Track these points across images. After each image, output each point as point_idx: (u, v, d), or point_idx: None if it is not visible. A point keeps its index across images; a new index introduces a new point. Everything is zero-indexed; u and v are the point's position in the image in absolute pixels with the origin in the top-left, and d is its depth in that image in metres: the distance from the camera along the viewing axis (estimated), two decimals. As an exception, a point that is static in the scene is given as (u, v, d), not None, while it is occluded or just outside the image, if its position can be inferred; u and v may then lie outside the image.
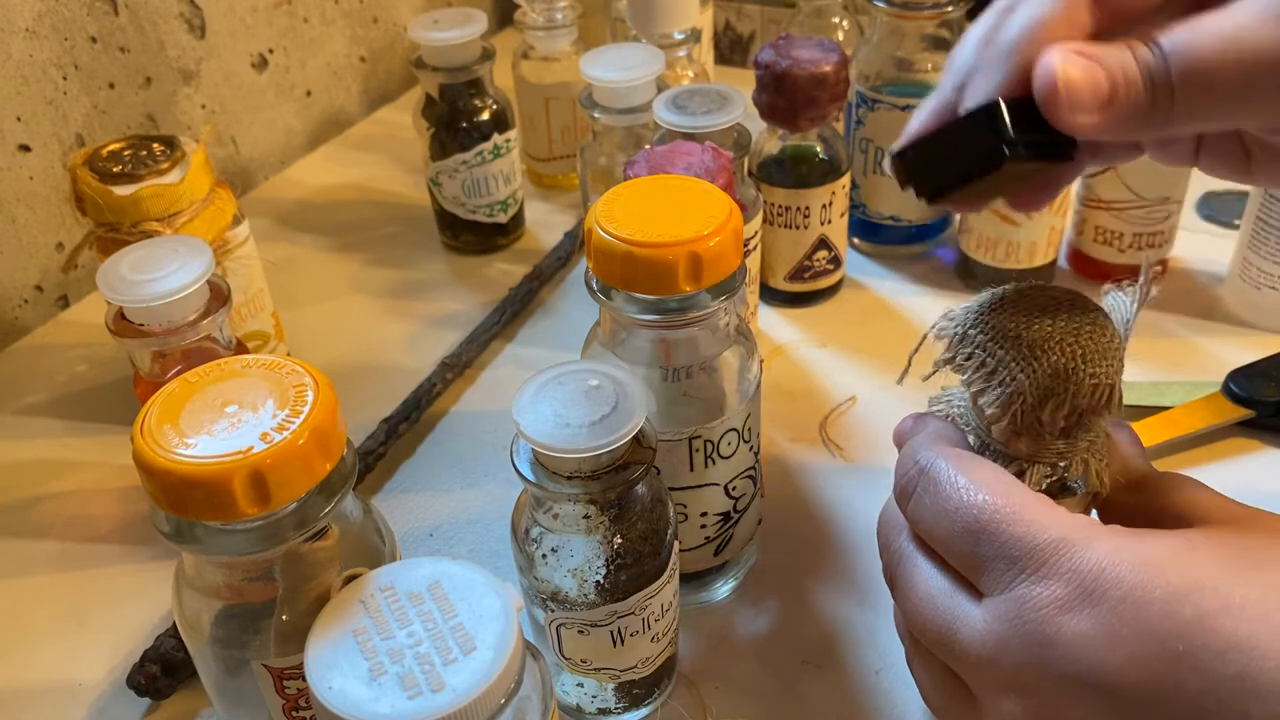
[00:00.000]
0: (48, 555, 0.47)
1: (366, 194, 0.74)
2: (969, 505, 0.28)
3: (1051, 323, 0.30)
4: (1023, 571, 0.27)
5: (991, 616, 0.27)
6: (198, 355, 0.44)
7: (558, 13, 0.68)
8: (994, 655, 0.27)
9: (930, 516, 0.30)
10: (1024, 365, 0.30)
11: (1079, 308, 0.31)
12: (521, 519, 0.35)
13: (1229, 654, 0.24)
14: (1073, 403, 0.30)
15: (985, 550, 0.28)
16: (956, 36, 0.58)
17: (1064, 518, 0.27)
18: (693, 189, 0.37)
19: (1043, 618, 0.26)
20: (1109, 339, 0.30)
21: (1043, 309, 0.31)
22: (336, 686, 0.26)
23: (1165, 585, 0.25)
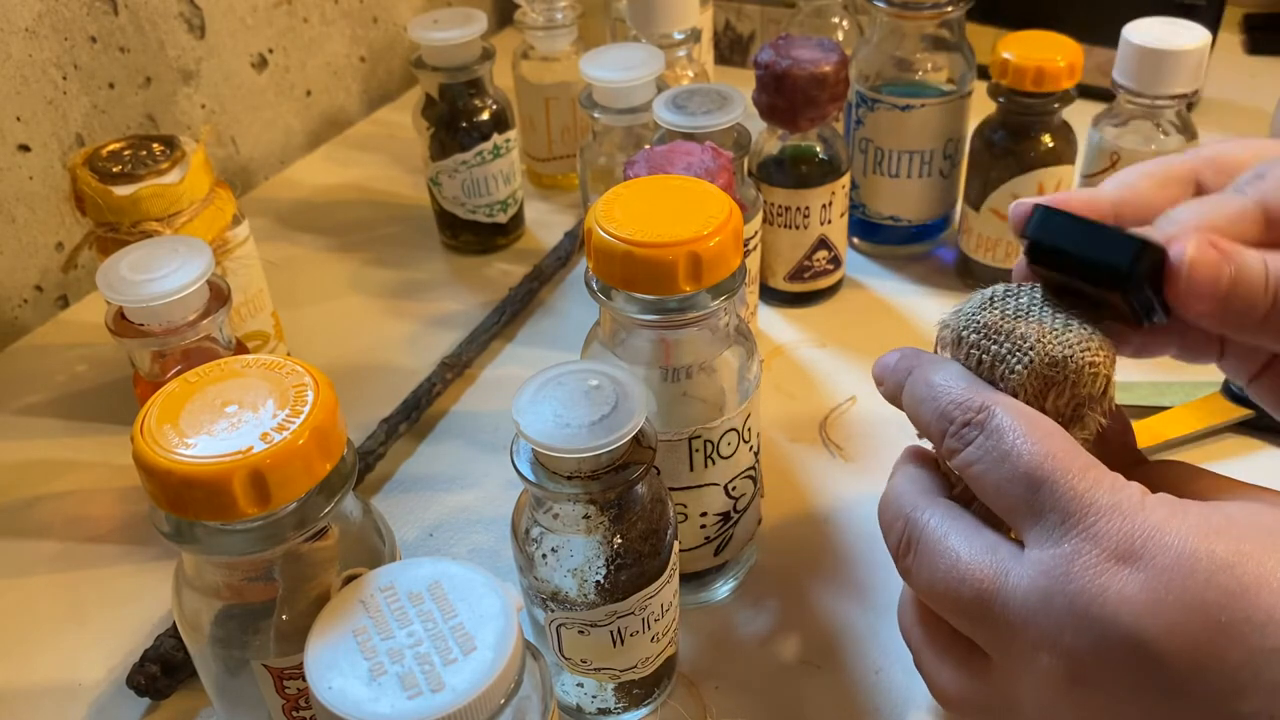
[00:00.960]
0: (48, 555, 0.47)
1: (366, 194, 0.74)
2: (1033, 453, 0.28)
3: (1043, 315, 0.31)
4: (1077, 526, 0.27)
5: (1037, 571, 0.27)
6: (197, 355, 0.44)
7: (558, 13, 0.68)
8: (1036, 610, 0.27)
9: (988, 461, 0.29)
10: (1021, 357, 0.30)
11: (1070, 303, 0.31)
12: (521, 519, 0.35)
13: (1269, 627, 0.24)
14: (1073, 391, 0.30)
15: (1044, 499, 0.27)
16: (956, 36, 0.58)
17: (1120, 482, 0.28)
18: (693, 189, 0.37)
19: (1091, 576, 0.26)
20: (1103, 328, 0.31)
21: (1033, 304, 0.31)
22: (336, 686, 0.26)
23: (1211, 556, 0.25)
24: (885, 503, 0.32)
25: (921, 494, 0.31)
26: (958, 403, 0.30)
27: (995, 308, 0.31)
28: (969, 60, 0.59)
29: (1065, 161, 0.56)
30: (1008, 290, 0.32)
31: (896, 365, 0.33)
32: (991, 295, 0.32)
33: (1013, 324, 0.31)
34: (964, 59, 0.59)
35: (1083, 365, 0.30)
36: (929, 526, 0.30)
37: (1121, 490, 0.27)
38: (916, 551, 0.30)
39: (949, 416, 0.30)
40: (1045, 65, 0.53)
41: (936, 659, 0.31)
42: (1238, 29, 0.86)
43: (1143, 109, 0.55)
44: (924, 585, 0.30)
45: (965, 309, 0.32)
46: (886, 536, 0.32)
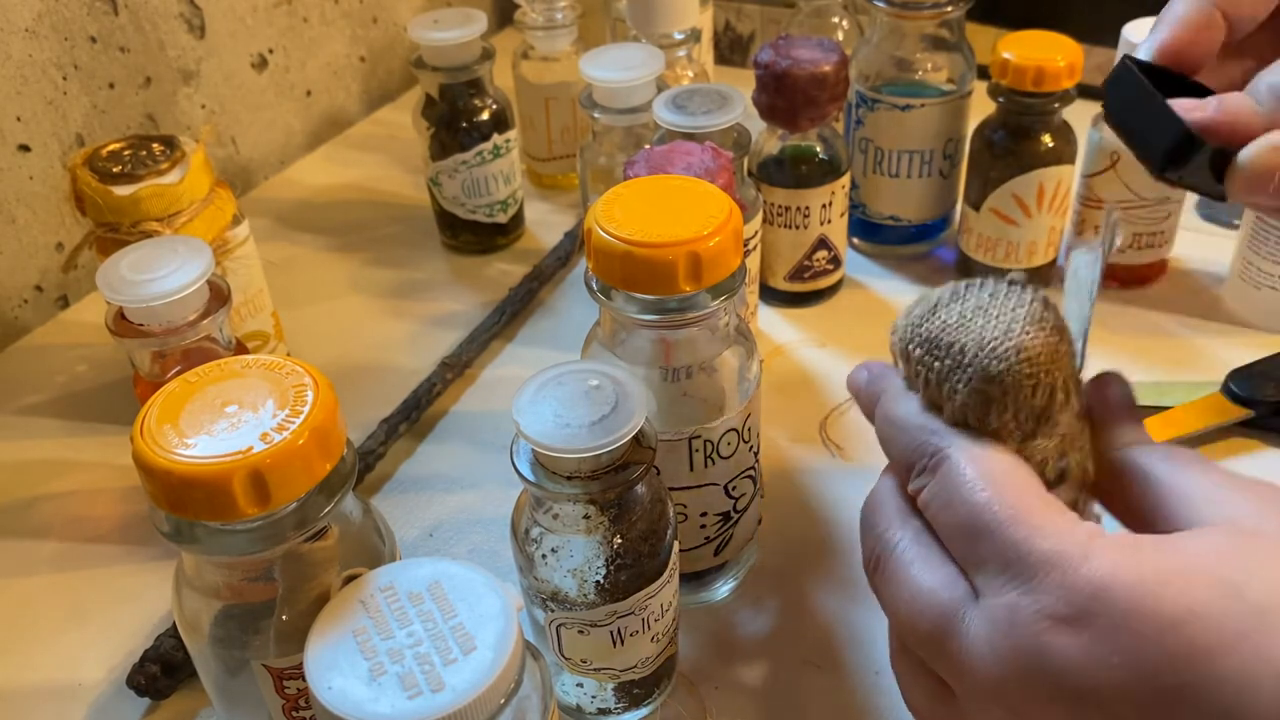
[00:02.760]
0: (48, 555, 0.47)
1: (366, 194, 0.74)
2: (973, 502, 0.27)
3: (984, 322, 0.29)
4: (1015, 579, 0.26)
5: (985, 619, 0.27)
6: (197, 355, 0.44)
7: (557, 13, 0.68)
8: (985, 658, 0.26)
9: (937, 505, 0.29)
10: (961, 375, 0.29)
11: (1018, 301, 0.30)
12: (521, 519, 0.35)
13: (1219, 689, 0.23)
14: (1015, 406, 0.29)
15: (983, 550, 0.27)
16: (956, 36, 0.58)
17: (1066, 526, 0.27)
18: (693, 189, 0.37)
19: (1033, 632, 0.25)
20: (1049, 331, 0.29)
21: (978, 308, 0.30)
22: (336, 686, 0.26)
23: (1158, 614, 0.24)
24: (864, 514, 0.32)
25: (897, 512, 0.31)
26: (914, 446, 0.30)
27: (939, 315, 0.30)
28: (969, 60, 0.59)
29: (1065, 161, 0.56)
30: (954, 291, 0.31)
31: (866, 387, 0.33)
32: (937, 300, 0.31)
33: (954, 335, 0.30)
34: (964, 59, 0.59)
35: (1020, 379, 0.28)
36: (897, 550, 0.30)
37: (1066, 537, 0.26)
38: (882, 573, 0.30)
39: (908, 459, 0.30)
40: (1045, 65, 0.53)
41: (910, 677, 0.31)
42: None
43: (1143, 109, 0.55)
44: (888, 608, 0.30)
45: (911, 316, 0.31)
46: (861, 548, 0.32)
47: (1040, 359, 0.28)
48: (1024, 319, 0.29)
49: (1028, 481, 0.28)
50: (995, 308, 0.30)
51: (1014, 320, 0.29)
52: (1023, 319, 0.29)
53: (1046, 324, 0.29)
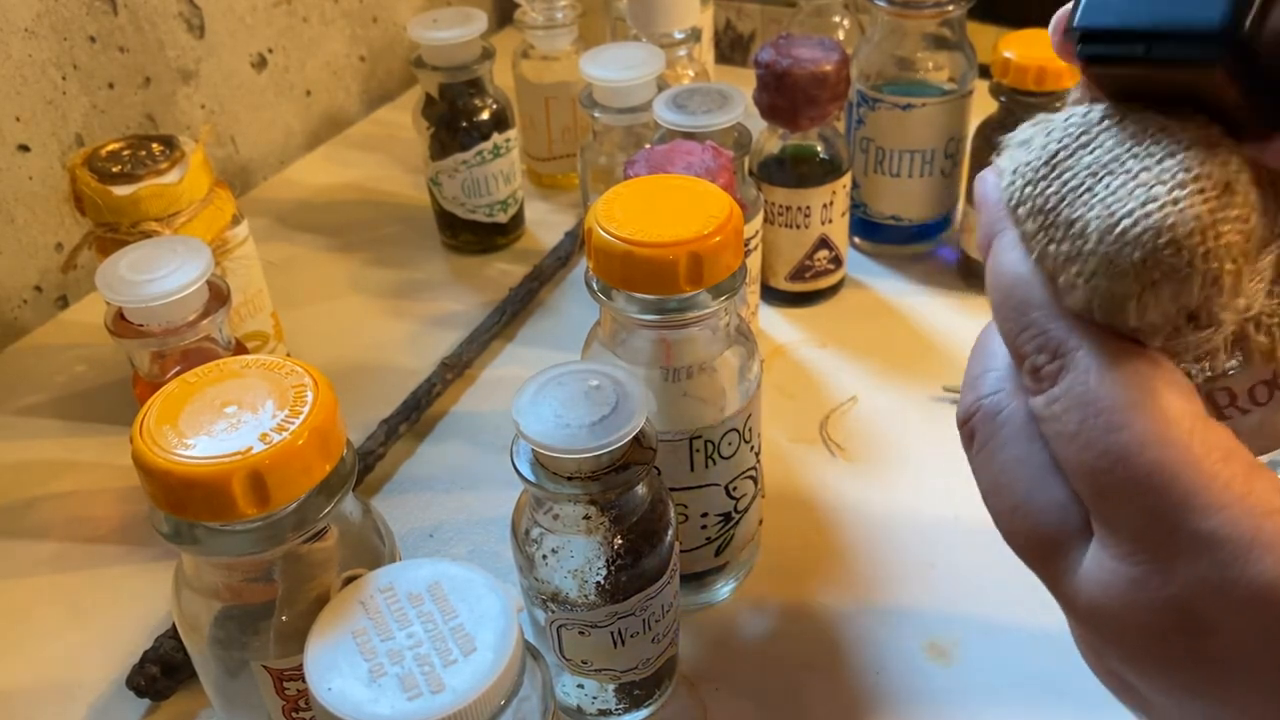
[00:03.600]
0: (47, 556, 0.47)
1: (366, 194, 0.74)
2: (1102, 444, 0.21)
3: (1117, 185, 0.21)
4: (1151, 554, 0.20)
5: (1097, 578, 0.21)
6: (197, 356, 0.44)
7: (558, 12, 0.68)
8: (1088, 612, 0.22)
9: (1057, 428, 0.22)
10: (1083, 265, 0.22)
11: (1168, 148, 0.21)
12: (522, 519, 0.35)
13: None
14: (1161, 305, 0.21)
15: (1115, 506, 0.21)
16: (957, 35, 0.58)
17: (1234, 495, 0.20)
18: (693, 188, 0.37)
19: (1157, 624, 0.21)
20: (1211, 193, 0.21)
21: (1113, 161, 0.22)
22: (336, 688, 0.26)
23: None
24: (976, 346, 0.26)
25: (1009, 373, 0.24)
26: (1026, 332, 0.23)
27: (1057, 171, 0.23)
28: (970, 59, 0.59)
29: (1066, 161, 0.56)
30: (1072, 128, 0.23)
31: (983, 223, 0.25)
32: (1060, 144, 0.23)
33: (1074, 206, 0.22)
34: (965, 58, 0.59)
35: (1165, 271, 0.21)
36: (997, 438, 0.24)
37: (1232, 514, 0.20)
38: (978, 456, 0.24)
39: (1020, 346, 0.23)
40: (1046, 64, 0.53)
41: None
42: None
43: (1144, 108, 0.54)
44: (982, 494, 0.25)
45: (1022, 165, 0.24)
46: (963, 391, 0.25)
47: (1193, 240, 0.20)
48: (1172, 178, 0.21)
49: (1183, 410, 0.21)
50: (1135, 160, 0.22)
51: (1158, 180, 0.21)
52: (1170, 179, 0.21)
53: (1206, 182, 0.21)
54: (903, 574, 0.44)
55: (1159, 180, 0.21)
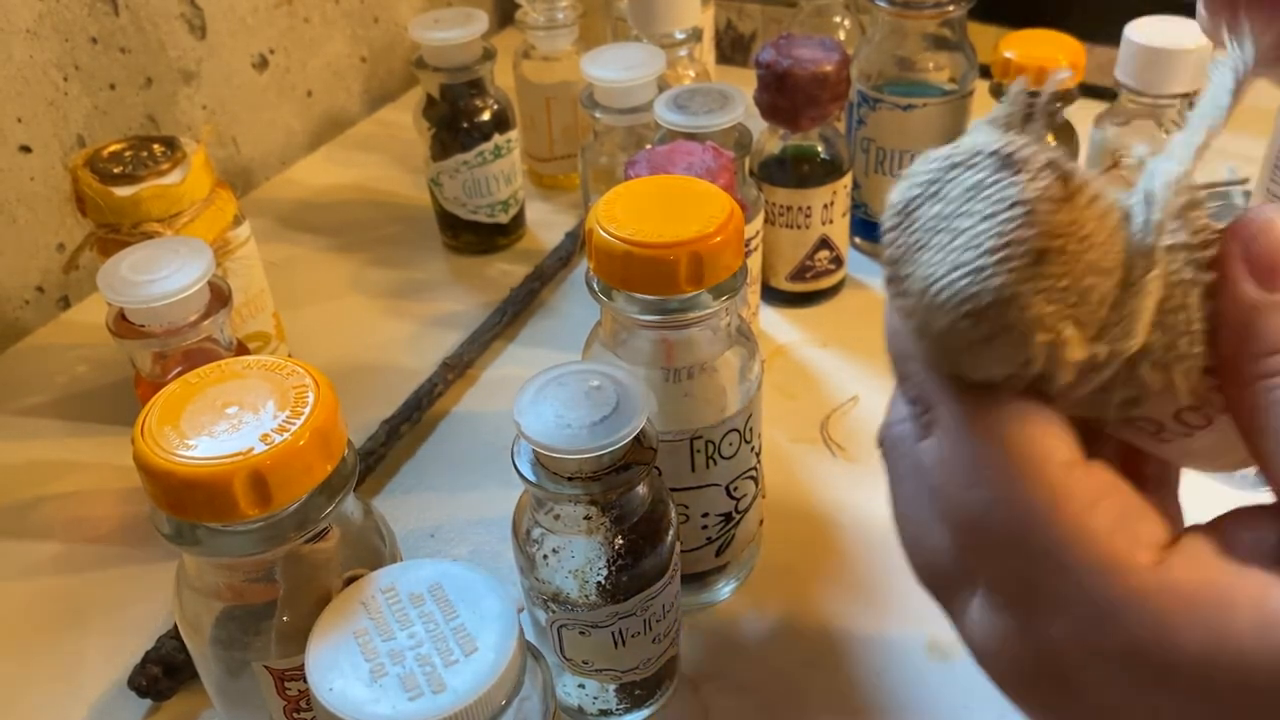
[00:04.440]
0: (48, 556, 0.47)
1: (367, 194, 0.74)
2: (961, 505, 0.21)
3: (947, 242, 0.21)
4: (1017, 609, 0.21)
5: (983, 622, 0.22)
6: (198, 356, 0.44)
7: (559, 12, 0.68)
8: (982, 654, 0.22)
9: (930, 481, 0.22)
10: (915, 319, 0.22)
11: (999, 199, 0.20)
12: (522, 520, 0.35)
13: None
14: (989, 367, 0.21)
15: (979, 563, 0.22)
16: (958, 36, 0.58)
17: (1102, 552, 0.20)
18: (694, 189, 0.37)
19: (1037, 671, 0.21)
20: (1029, 258, 0.20)
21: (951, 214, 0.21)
22: (337, 688, 0.26)
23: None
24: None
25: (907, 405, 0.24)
26: (906, 382, 0.23)
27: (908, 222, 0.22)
28: (971, 59, 0.59)
29: (1067, 161, 0.56)
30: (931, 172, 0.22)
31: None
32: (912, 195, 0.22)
33: (911, 259, 0.21)
34: (966, 58, 0.59)
35: (973, 339, 0.20)
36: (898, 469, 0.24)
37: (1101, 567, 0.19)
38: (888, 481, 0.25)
39: (904, 395, 0.24)
40: (1047, 64, 0.53)
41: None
42: (1240, 28, 0.86)
43: (1145, 108, 0.54)
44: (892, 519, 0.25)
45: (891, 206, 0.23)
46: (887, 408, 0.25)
47: (993, 312, 0.20)
48: (983, 244, 0.20)
49: (1045, 461, 0.21)
50: (964, 218, 0.21)
51: (971, 245, 0.20)
52: (981, 244, 0.20)
53: (1015, 249, 0.20)
54: (904, 573, 0.44)
55: (971, 244, 0.20)
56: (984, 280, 0.20)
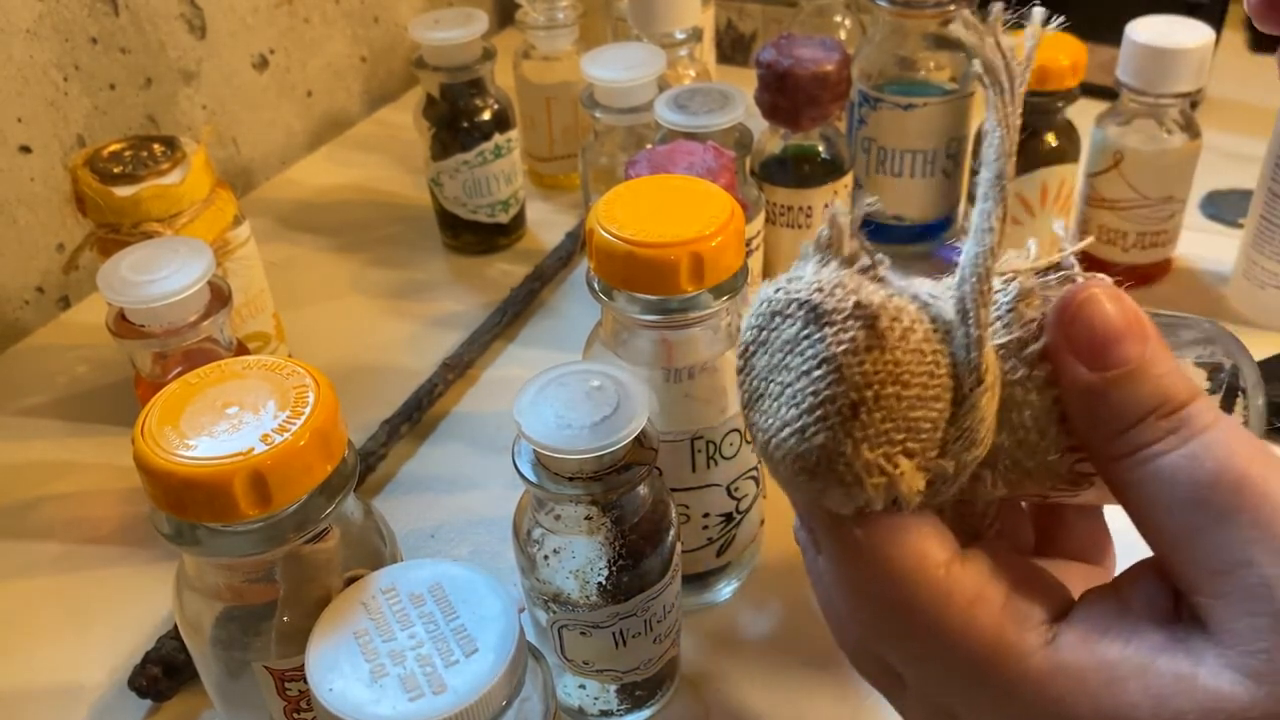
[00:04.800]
0: (49, 557, 0.47)
1: (367, 194, 0.74)
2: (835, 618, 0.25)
3: (775, 393, 0.22)
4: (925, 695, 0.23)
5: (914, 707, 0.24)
6: (198, 356, 0.44)
7: (559, 12, 0.68)
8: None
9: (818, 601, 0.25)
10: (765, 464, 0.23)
11: (810, 356, 0.21)
12: (523, 520, 0.35)
13: None
14: (839, 504, 0.22)
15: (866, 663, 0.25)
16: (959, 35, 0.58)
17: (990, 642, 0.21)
18: (694, 189, 0.37)
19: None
20: (839, 410, 0.20)
21: (773, 368, 0.22)
22: (338, 688, 0.26)
23: None
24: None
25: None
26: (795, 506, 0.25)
27: (746, 369, 0.23)
28: (972, 59, 0.59)
29: (1069, 160, 0.56)
30: (759, 318, 0.23)
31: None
32: (746, 341, 0.23)
33: (752, 409, 0.23)
34: (967, 58, 0.58)
35: (803, 484, 0.21)
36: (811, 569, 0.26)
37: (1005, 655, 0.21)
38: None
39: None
40: (1048, 64, 0.53)
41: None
42: (1241, 27, 0.86)
43: (1146, 107, 0.54)
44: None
45: (737, 346, 0.24)
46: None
47: (821, 467, 0.21)
48: (802, 402, 0.21)
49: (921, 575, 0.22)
50: (787, 371, 0.21)
51: (793, 403, 0.21)
52: (802, 402, 0.21)
53: (830, 407, 0.20)
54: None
55: (794, 401, 0.21)
56: (808, 439, 0.20)
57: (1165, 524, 0.20)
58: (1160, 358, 0.21)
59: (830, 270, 0.22)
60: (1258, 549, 0.19)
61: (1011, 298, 0.22)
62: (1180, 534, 0.20)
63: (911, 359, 0.21)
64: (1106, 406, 0.21)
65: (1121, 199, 0.56)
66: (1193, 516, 0.20)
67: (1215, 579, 0.19)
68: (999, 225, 0.21)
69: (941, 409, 0.21)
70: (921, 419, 0.21)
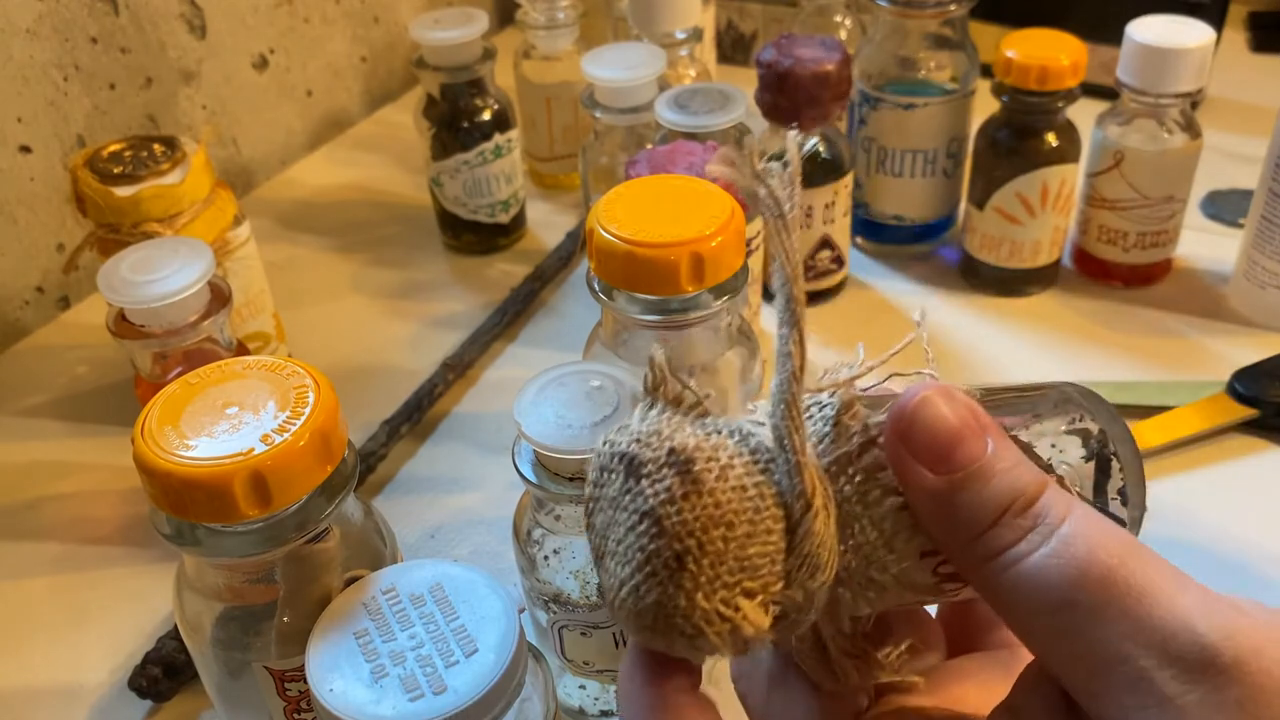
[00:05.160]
0: (49, 557, 0.47)
1: (367, 194, 0.74)
2: None
3: (612, 548, 0.21)
4: None
5: None
6: (198, 356, 0.44)
7: (559, 12, 0.68)
8: None
9: None
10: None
11: (633, 509, 0.21)
12: (523, 520, 0.35)
13: None
14: (685, 654, 0.21)
15: None
16: (959, 35, 0.58)
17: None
18: (695, 189, 0.37)
19: None
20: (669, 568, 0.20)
21: (608, 525, 0.21)
22: (338, 689, 0.26)
23: None
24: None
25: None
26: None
27: (590, 524, 0.22)
28: (972, 59, 0.59)
29: (1069, 160, 0.56)
30: (595, 473, 0.22)
31: None
32: (588, 494, 0.22)
33: (597, 566, 0.22)
34: (967, 57, 0.58)
35: (655, 641, 0.21)
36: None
37: None
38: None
39: None
40: (1049, 64, 0.53)
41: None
42: (1242, 27, 0.86)
43: (1147, 107, 0.54)
44: None
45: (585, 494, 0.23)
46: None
47: (660, 624, 0.20)
48: (631, 560, 0.20)
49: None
50: (618, 526, 0.21)
51: (626, 560, 0.21)
52: (630, 560, 0.20)
53: (657, 562, 0.20)
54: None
55: (626, 559, 0.20)
56: (642, 598, 0.20)
57: (1036, 626, 0.20)
58: (1005, 451, 0.21)
59: (652, 417, 0.22)
60: (1130, 643, 0.19)
61: (835, 411, 0.22)
62: (1053, 635, 0.20)
63: (733, 497, 0.20)
64: (957, 509, 0.20)
65: (1122, 199, 0.56)
66: (1063, 617, 0.19)
67: (1095, 677, 0.19)
68: (798, 349, 0.21)
69: (776, 540, 0.20)
70: (756, 555, 0.20)
